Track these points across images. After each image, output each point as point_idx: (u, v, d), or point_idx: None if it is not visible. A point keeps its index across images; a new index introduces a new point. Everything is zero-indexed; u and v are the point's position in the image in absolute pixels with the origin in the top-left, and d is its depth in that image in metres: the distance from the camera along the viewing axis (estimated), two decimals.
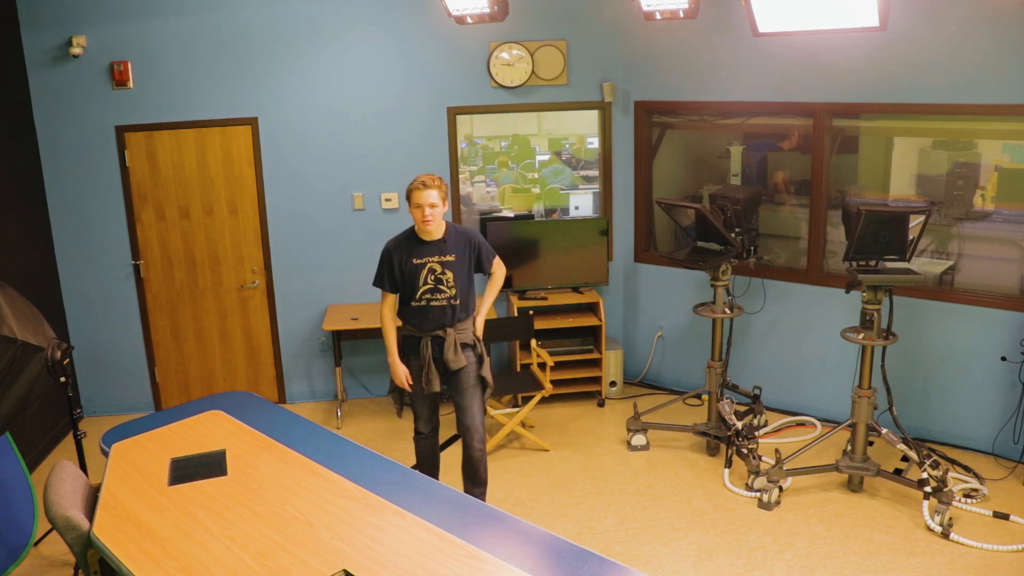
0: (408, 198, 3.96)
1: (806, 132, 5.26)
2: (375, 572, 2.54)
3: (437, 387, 4.15)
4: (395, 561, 2.59)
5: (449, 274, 4.03)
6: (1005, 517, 4.20)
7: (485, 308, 4.28)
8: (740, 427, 4.77)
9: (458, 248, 4.06)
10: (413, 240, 4.06)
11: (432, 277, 4.03)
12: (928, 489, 4.20)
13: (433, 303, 4.05)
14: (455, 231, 4.10)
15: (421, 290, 4.04)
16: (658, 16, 4.41)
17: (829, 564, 3.91)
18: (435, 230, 4.02)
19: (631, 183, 6.02)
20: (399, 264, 4.06)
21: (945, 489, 4.13)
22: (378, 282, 4.16)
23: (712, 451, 5.06)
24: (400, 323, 4.19)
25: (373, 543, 2.70)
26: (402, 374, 4.19)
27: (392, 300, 4.17)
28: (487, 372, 4.23)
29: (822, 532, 4.18)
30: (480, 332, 4.23)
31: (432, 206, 3.92)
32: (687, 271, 5.69)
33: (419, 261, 4.02)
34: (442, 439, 5.42)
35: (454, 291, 4.05)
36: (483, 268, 4.18)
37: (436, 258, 4.03)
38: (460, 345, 4.12)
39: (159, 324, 5.87)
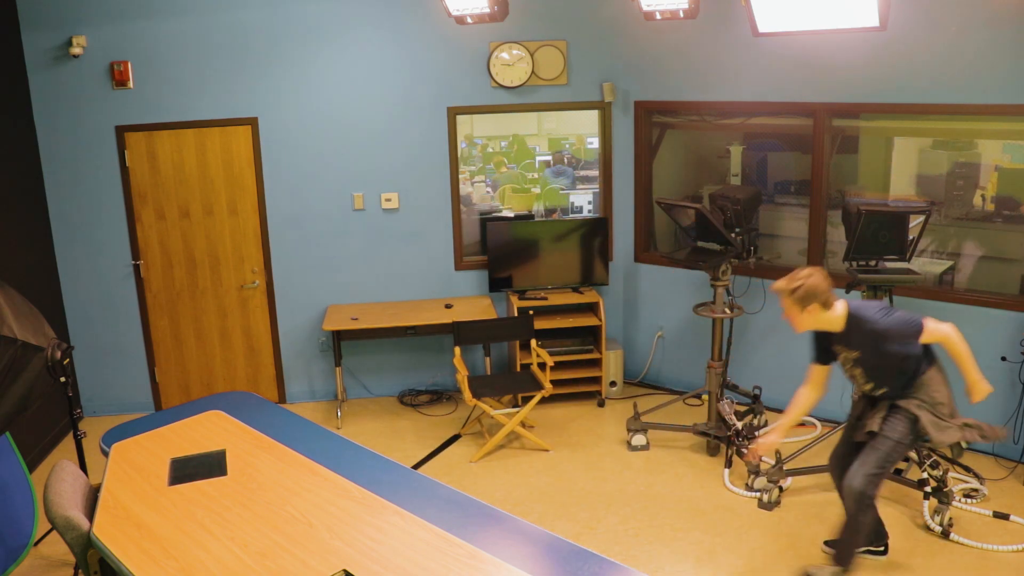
0: None
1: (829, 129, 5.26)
2: (375, 572, 2.54)
3: (861, 436, 3.71)
4: (395, 561, 2.59)
5: (859, 369, 3.60)
6: (1005, 517, 4.20)
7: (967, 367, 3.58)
8: (740, 427, 4.77)
9: (862, 342, 3.52)
10: None
11: (848, 370, 3.68)
12: (928, 489, 4.20)
13: (857, 393, 3.81)
14: (854, 323, 3.50)
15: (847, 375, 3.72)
16: (658, 16, 4.41)
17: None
18: (816, 329, 3.63)
19: (631, 183, 6.02)
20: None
21: (945, 489, 4.13)
22: None
23: (712, 451, 5.06)
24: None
25: (373, 543, 2.70)
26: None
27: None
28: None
29: (822, 532, 4.17)
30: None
31: (787, 314, 3.57)
32: (687, 271, 5.69)
33: (835, 348, 3.66)
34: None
35: (871, 384, 3.61)
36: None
37: (844, 351, 3.62)
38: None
39: (159, 324, 5.87)
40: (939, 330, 3.44)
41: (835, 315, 3.50)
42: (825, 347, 3.69)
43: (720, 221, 4.74)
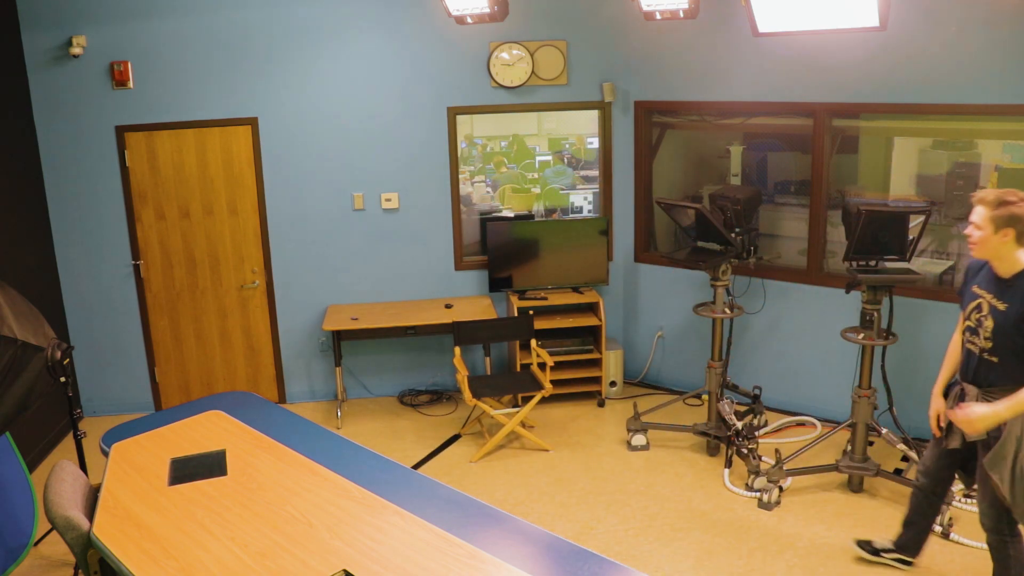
0: None
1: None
2: (375, 572, 2.54)
3: (954, 443, 3.42)
4: (395, 561, 2.59)
5: (990, 322, 3.21)
6: None
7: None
8: (740, 427, 4.77)
9: (1016, 299, 3.13)
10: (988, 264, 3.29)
11: (976, 316, 3.29)
12: None
13: (967, 345, 3.36)
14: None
15: (964, 325, 3.39)
16: (658, 16, 4.41)
17: (829, 564, 3.91)
18: (990, 258, 3.23)
19: (631, 183, 6.03)
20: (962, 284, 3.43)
21: None
22: None
23: (712, 451, 5.06)
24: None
25: (373, 543, 2.70)
26: (933, 410, 3.48)
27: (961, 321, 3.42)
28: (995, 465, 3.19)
29: (822, 532, 4.18)
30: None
31: (977, 226, 3.19)
32: (687, 271, 5.69)
33: (976, 290, 3.31)
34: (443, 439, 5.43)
35: (989, 344, 3.22)
36: None
37: (990, 296, 3.24)
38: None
39: (159, 324, 5.87)
40: None
41: (1020, 258, 3.14)
42: (967, 282, 3.38)
43: (720, 221, 4.74)
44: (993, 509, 3.28)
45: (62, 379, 3.63)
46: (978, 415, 3.15)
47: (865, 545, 3.91)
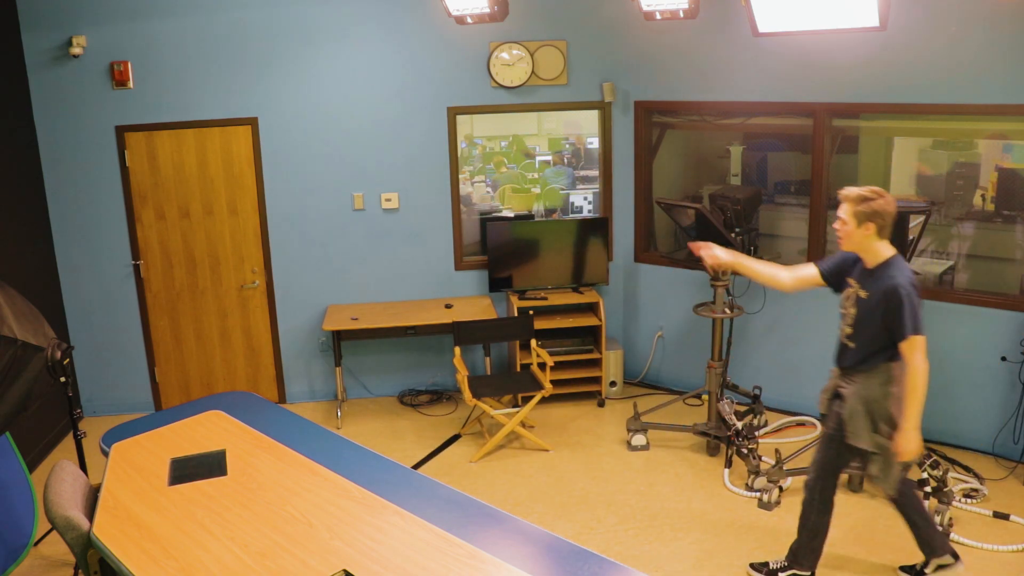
0: None
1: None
2: (375, 572, 2.54)
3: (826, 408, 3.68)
4: (395, 561, 2.59)
5: (853, 310, 3.48)
6: (1005, 517, 4.20)
7: (905, 415, 3.36)
8: (740, 427, 4.77)
9: (876, 289, 3.38)
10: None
11: (845, 304, 3.54)
12: (928, 489, 4.19)
13: (839, 332, 3.59)
14: (887, 270, 3.38)
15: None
16: (658, 16, 4.42)
17: (829, 564, 3.91)
18: (857, 251, 3.47)
19: (631, 183, 6.03)
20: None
21: (945, 489, 4.13)
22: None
23: (712, 451, 5.06)
24: None
25: (373, 543, 2.70)
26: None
27: None
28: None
29: None
30: (900, 447, 3.39)
31: (842, 221, 3.43)
32: (687, 271, 5.69)
33: (849, 281, 3.54)
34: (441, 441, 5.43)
35: (850, 331, 3.50)
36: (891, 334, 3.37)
37: (858, 286, 3.48)
38: (836, 393, 3.59)
39: (159, 324, 5.87)
40: (916, 356, 3.30)
41: (881, 250, 3.40)
42: (842, 272, 3.58)
43: (720, 221, 4.74)
44: (816, 473, 3.62)
45: (62, 379, 3.63)
46: (905, 444, 3.35)
47: (909, 569, 3.82)
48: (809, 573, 3.72)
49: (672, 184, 6.11)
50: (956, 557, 3.68)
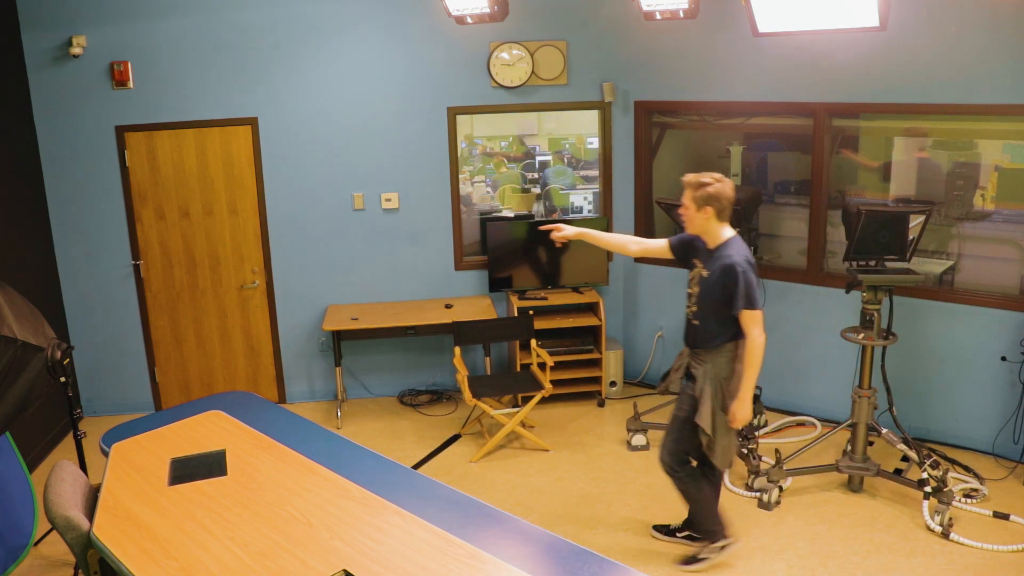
0: None
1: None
2: (375, 572, 2.54)
3: (673, 387, 3.90)
4: (395, 561, 2.59)
5: (696, 288, 3.69)
6: (1005, 517, 4.20)
7: (743, 384, 3.61)
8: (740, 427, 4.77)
9: (715, 268, 3.60)
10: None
11: (691, 284, 3.74)
12: (928, 489, 4.19)
13: (686, 311, 3.79)
14: (725, 250, 3.59)
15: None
16: (658, 16, 4.42)
17: (829, 564, 3.91)
18: (699, 233, 3.67)
19: (631, 183, 6.02)
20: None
21: (945, 489, 4.13)
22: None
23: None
24: None
25: (373, 543, 2.70)
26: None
27: None
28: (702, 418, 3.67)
29: (822, 532, 4.18)
30: (736, 414, 3.64)
31: (685, 206, 3.63)
32: (687, 271, 5.68)
33: (695, 261, 3.74)
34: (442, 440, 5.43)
35: (695, 309, 3.70)
36: (731, 308, 3.57)
37: (701, 266, 3.69)
38: (688, 373, 3.80)
39: (159, 324, 5.87)
40: (753, 328, 3.53)
41: (720, 232, 3.61)
42: (689, 250, 3.77)
43: None
44: (673, 457, 3.86)
45: (62, 379, 3.63)
46: (739, 411, 3.61)
47: (662, 528, 4.18)
48: (725, 539, 3.93)
49: (672, 184, 6.10)
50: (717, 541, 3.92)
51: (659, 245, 3.91)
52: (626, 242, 4.04)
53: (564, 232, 4.03)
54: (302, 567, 2.57)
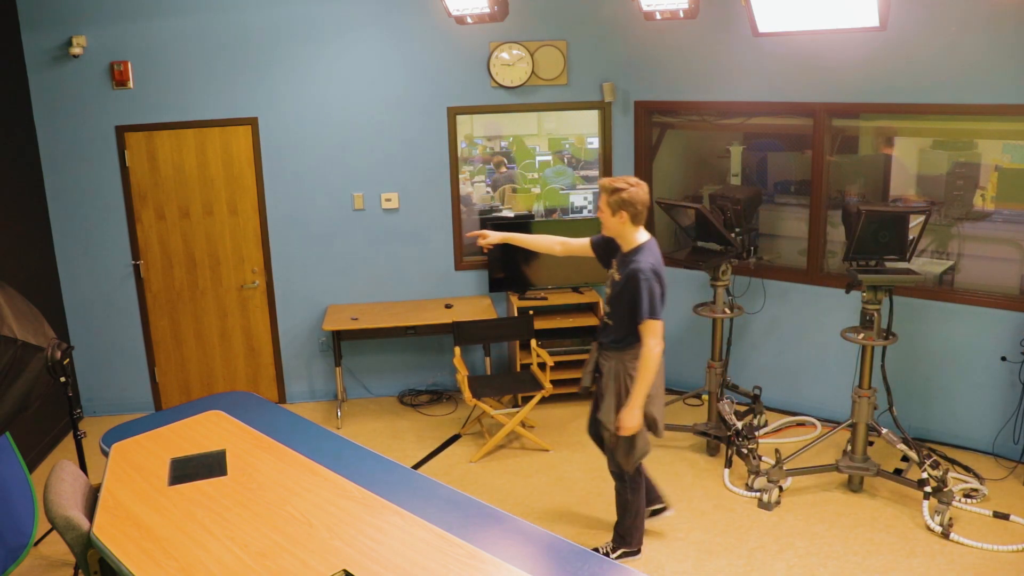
0: None
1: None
2: (375, 572, 2.54)
3: (585, 382, 3.99)
4: (395, 561, 2.59)
5: (609, 290, 3.77)
6: (1005, 517, 4.20)
7: (632, 392, 3.64)
8: (740, 427, 4.77)
9: (624, 272, 3.64)
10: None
11: (608, 283, 3.81)
12: (928, 489, 4.20)
13: (603, 308, 3.87)
14: (635, 255, 3.62)
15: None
16: (658, 16, 4.42)
17: (829, 564, 3.91)
18: (614, 237, 3.71)
19: None
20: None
21: (945, 489, 4.13)
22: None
23: (712, 451, 5.06)
24: None
25: (373, 543, 2.70)
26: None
27: None
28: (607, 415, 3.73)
29: (822, 532, 4.18)
30: (623, 421, 3.64)
31: (600, 210, 3.67)
32: (687, 271, 5.68)
33: (613, 263, 3.79)
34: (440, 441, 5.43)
35: (608, 309, 3.77)
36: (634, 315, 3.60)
37: (616, 268, 3.74)
38: (594, 371, 3.88)
39: (159, 324, 5.87)
40: (650, 338, 3.55)
41: (634, 237, 3.65)
42: (609, 250, 3.81)
43: (720, 221, 4.74)
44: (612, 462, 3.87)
45: (62, 379, 3.63)
46: (627, 419, 3.59)
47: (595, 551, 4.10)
48: (632, 551, 3.99)
49: (672, 184, 6.11)
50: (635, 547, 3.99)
51: (582, 244, 3.95)
52: (551, 243, 4.07)
53: (489, 238, 4.10)
54: (302, 567, 2.57)
